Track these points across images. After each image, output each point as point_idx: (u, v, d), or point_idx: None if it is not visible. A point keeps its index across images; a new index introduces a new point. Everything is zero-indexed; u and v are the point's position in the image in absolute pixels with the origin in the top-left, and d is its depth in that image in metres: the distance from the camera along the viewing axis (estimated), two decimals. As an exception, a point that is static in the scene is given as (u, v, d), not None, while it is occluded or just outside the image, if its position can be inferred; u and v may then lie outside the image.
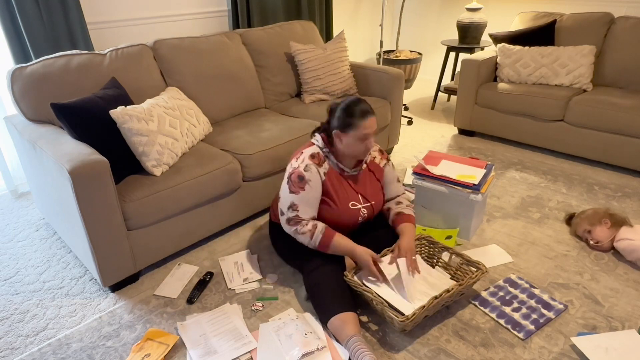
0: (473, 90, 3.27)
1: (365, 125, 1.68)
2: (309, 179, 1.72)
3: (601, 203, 2.49)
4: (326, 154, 1.80)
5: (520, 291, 1.84)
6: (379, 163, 1.92)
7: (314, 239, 1.71)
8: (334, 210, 1.78)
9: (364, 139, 1.70)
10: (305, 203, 1.73)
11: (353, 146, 1.72)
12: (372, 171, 1.91)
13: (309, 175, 1.72)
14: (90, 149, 1.74)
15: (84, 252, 1.87)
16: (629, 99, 2.74)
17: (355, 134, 1.69)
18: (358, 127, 1.68)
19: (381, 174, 1.92)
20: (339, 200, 1.79)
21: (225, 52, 2.65)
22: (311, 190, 1.73)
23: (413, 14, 4.81)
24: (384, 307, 1.57)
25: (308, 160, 1.75)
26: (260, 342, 1.61)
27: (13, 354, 1.63)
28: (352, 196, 1.82)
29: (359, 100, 1.72)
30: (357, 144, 1.71)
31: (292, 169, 1.75)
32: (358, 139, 1.70)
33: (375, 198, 1.88)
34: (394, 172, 1.97)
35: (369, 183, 1.88)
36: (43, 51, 2.40)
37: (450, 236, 2.16)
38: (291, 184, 1.73)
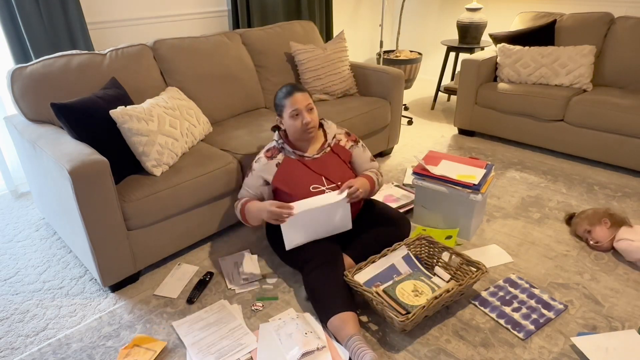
0: (473, 90, 3.27)
1: (291, 102, 1.82)
2: (253, 169, 1.94)
3: (601, 203, 2.49)
4: (280, 145, 1.93)
5: (520, 291, 1.84)
6: (344, 145, 2.01)
7: (238, 213, 1.93)
8: (292, 197, 1.85)
9: (296, 115, 1.83)
10: (245, 186, 1.97)
11: (292, 126, 1.85)
12: (337, 153, 1.98)
13: (254, 166, 1.94)
14: (90, 149, 1.74)
15: (84, 252, 1.87)
16: (629, 99, 2.74)
17: (287, 113, 1.84)
18: (286, 106, 1.84)
19: (347, 155, 2.00)
20: (295, 185, 1.87)
21: (225, 52, 2.65)
22: (251, 177, 1.94)
23: (413, 14, 4.81)
24: (384, 307, 1.58)
25: (262, 154, 1.94)
26: (260, 342, 1.61)
27: (13, 354, 1.63)
28: (313, 179, 1.88)
29: (287, 84, 1.88)
30: (293, 122, 1.84)
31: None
32: (291, 117, 1.84)
33: (341, 179, 1.92)
34: (365, 154, 2.05)
35: (332, 165, 1.94)
36: (43, 51, 2.40)
37: (450, 236, 2.16)
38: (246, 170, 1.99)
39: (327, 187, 1.88)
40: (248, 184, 1.96)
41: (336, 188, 1.89)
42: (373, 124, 2.82)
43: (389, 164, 3.06)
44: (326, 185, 1.88)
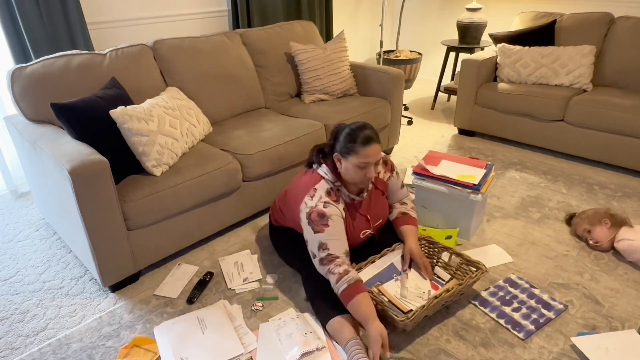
0: (473, 90, 3.27)
1: (366, 153, 1.60)
2: (330, 215, 1.63)
3: (601, 203, 2.49)
4: (338, 187, 1.72)
5: (520, 291, 1.84)
6: (383, 178, 1.88)
7: (338, 285, 1.56)
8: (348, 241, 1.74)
9: (363, 167, 1.63)
10: (333, 239, 1.63)
11: (352, 172, 1.65)
12: (379, 188, 1.87)
13: (329, 211, 1.64)
14: (90, 149, 1.74)
15: (84, 252, 1.87)
16: (629, 99, 2.74)
17: (355, 160, 1.62)
18: (359, 154, 1.60)
19: (385, 187, 1.89)
20: (351, 231, 1.76)
21: (225, 52, 2.65)
22: (335, 225, 1.63)
23: (413, 14, 4.81)
24: (384, 307, 1.58)
25: (325, 198, 1.67)
26: (260, 341, 1.61)
27: (13, 354, 1.63)
28: (363, 224, 1.79)
29: (364, 126, 1.64)
30: (357, 171, 1.64)
31: (310, 209, 1.64)
32: (357, 166, 1.62)
33: (382, 216, 1.88)
34: (398, 181, 1.93)
35: (375, 203, 1.83)
36: (43, 51, 2.40)
37: (450, 236, 2.16)
38: (313, 224, 1.63)
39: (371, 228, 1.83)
40: (336, 233, 1.63)
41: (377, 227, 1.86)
42: (373, 124, 2.81)
43: (389, 164, 3.06)
44: (371, 227, 1.82)
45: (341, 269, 1.57)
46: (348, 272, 1.57)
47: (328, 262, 1.60)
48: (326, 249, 1.61)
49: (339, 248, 1.62)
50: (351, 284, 1.54)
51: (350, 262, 1.68)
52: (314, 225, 1.62)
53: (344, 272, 1.56)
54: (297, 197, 1.74)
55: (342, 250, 1.63)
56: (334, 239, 1.62)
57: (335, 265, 1.59)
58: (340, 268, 1.58)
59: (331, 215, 1.63)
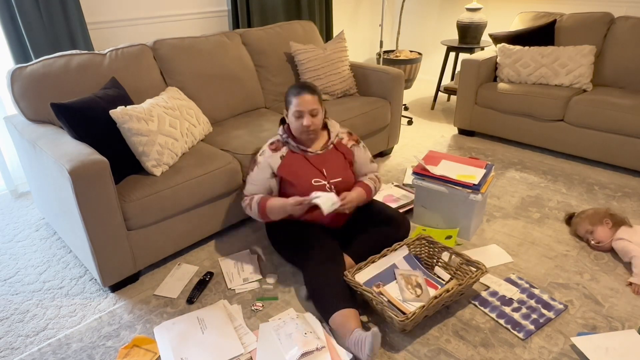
0: (473, 90, 3.27)
1: (298, 101, 1.83)
2: (258, 162, 1.93)
3: (601, 203, 2.49)
4: (285, 139, 1.95)
5: (520, 291, 1.84)
6: (346, 144, 2.03)
7: (253, 210, 1.90)
8: (296, 189, 1.90)
9: (298, 116, 1.84)
10: (250, 182, 1.95)
11: (293, 123, 1.87)
12: (340, 151, 2.01)
13: (259, 159, 1.93)
14: (90, 149, 1.74)
15: (84, 252, 1.87)
16: (629, 99, 2.74)
17: (291, 110, 1.86)
18: (292, 104, 1.85)
19: (349, 154, 2.02)
20: (298, 178, 1.90)
21: (225, 52, 2.65)
22: (257, 171, 1.93)
23: (413, 14, 4.81)
24: (384, 307, 1.58)
25: (266, 147, 1.95)
26: (260, 341, 1.61)
27: (13, 354, 1.63)
28: (314, 174, 1.92)
29: (302, 83, 1.89)
30: (294, 121, 1.86)
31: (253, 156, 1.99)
32: (293, 115, 1.85)
33: (342, 174, 1.97)
34: (365, 154, 2.08)
35: (332, 161, 1.97)
36: (43, 51, 2.40)
37: (450, 236, 2.16)
38: (249, 165, 1.98)
39: (328, 181, 1.91)
40: (254, 178, 1.95)
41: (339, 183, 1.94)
42: (373, 124, 2.82)
43: (389, 164, 3.06)
44: (327, 180, 1.91)
45: (247, 200, 1.94)
46: (253, 197, 1.92)
47: (242, 199, 1.99)
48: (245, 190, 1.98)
49: (250, 190, 1.96)
50: (259, 202, 1.88)
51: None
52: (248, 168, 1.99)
53: (250, 200, 1.92)
54: None
55: (253, 192, 1.95)
56: (251, 182, 1.96)
57: (243, 200, 1.97)
58: (246, 201, 1.95)
59: (258, 163, 1.93)
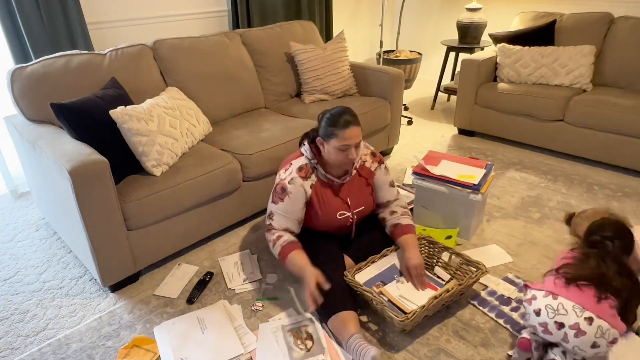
0: (473, 90, 3.27)
1: (345, 135, 1.66)
2: (290, 192, 1.75)
3: (601, 203, 2.49)
4: (314, 165, 1.79)
5: (518, 290, 1.84)
6: (369, 167, 1.89)
7: (274, 249, 1.77)
8: (319, 219, 1.82)
9: (344, 149, 1.68)
10: (280, 214, 1.78)
11: (334, 155, 1.71)
12: (363, 176, 1.88)
13: (291, 188, 1.75)
14: (90, 149, 1.74)
15: (84, 252, 1.87)
16: (629, 99, 2.74)
17: (335, 143, 1.67)
18: (338, 137, 1.66)
19: (371, 177, 1.90)
20: (324, 211, 1.80)
21: (225, 52, 2.65)
22: (290, 202, 1.76)
23: (413, 14, 4.81)
24: (384, 307, 1.58)
25: (295, 174, 1.76)
26: (260, 342, 1.61)
27: (13, 354, 1.63)
28: (339, 206, 1.82)
29: (344, 111, 1.70)
30: (338, 153, 1.70)
31: (279, 180, 1.79)
32: (338, 148, 1.68)
33: (365, 202, 1.88)
34: (386, 176, 1.93)
35: (357, 189, 1.86)
36: (43, 51, 2.40)
37: (450, 236, 2.16)
38: (274, 194, 1.80)
39: (351, 212, 1.84)
40: (286, 210, 1.76)
41: (360, 212, 1.86)
42: (373, 124, 2.82)
43: (389, 164, 3.06)
44: (351, 211, 1.84)
45: (274, 236, 1.78)
46: (281, 236, 1.77)
47: (267, 230, 1.82)
48: (271, 219, 1.81)
49: (280, 224, 1.79)
50: (284, 245, 1.74)
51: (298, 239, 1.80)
52: (274, 196, 1.81)
53: (277, 238, 1.77)
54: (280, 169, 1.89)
55: (281, 226, 1.79)
56: (280, 213, 1.79)
57: (270, 234, 1.80)
58: (273, 236, 1.78)
59: (290, 193, 1.76)
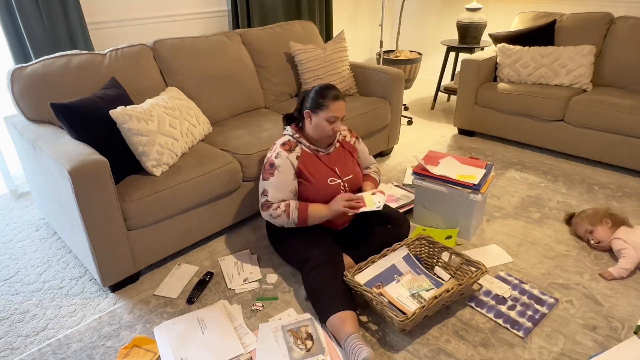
0: (473, 90, 3.27)
1: (334, 107, 1.81)
2: (278, 165, 1.84)
3: (601, 203, 2.49)
4: (297, 139, 1.91)
5: (512, 288, 1.84)
6: (349, 141, 2.06)
7: (291, 217, 1.81)
8: (313, 187, 1.88)
9: (332, 121, 1.83)
10: (273, 188, 1.84)
11: (321, 127, 1.84)
12: (347, 149, 2.03)
13: (278, 162, 1.84)
14: (90, 149, 1.74)
15: (84, 252, 1.87)
16: (629, 99, 2.74)
17: (324, 114, 1.82)
18: (328, 108, 1.81)
19: (353, 150, 2.06)
20: (314, 178, 1.88)
21: (225, 52, 2.65)
22: (280, 175, 1.83)
23: (413, 14, 4.81)
24: (384, 307, 1.58)
25: (279, 148, 1.87)
26: (260, 342, 1.61)
27: (13, 354, 1.63)
28: (329, 173, 1.92)
29: (332, 86, 1.86)
30: (325, 124, 1.83)
31: (266, 159, 1.89)
32: (326, 119, 1.82)
33: (352, 172, 1.98)
34: (365, 148, 2.14)
35: (343, 159, 1.99)
36: (43, 51, 2.40)
37: (450, 236, 2.16)
38: (264, 172, 1.88)
39: (341, 179, 1.93)
40: (278, 183, 1.83)
41: (350, 181, 1.96)
42: (373, 124, 2.82)
43: (389, 164, 3.06)
44: (341, 178, 1.93)
45: (282, 207, 1.82)
46: (289, 204, 1.82)
47: (266, 207, 1.85)
48: (265, 195, 1.85)
49: (276, 197, 1.84)
50: (299, 208, 1.81)
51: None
52: (264, 173, 1.88)
53: (286, 207, 1.82)
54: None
55: (279, 198, 1.84)
56: (274, 188, 1.84)
57: (273, 209, 1.83)
58: (280, 209, 1.82)
59: (279, 166, 1.84)
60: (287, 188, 1.85)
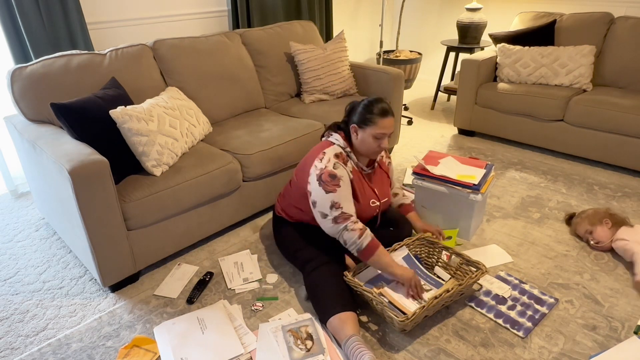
0: (473, 90, 3.27)
1: (382, 123, 1.71)
2: (341, 176, 1.70)
3: (601, 203, 2.49)
4: (348, 154, 1.80)
5: (512, 288, 1.84)
6: (385, 162, 2.02)
7: (361, 240, 1.64)
8: (358, 208, 1.80)
9: (378, 138, 1.73)
10: (345, 199, 1.69)
11: (367, 143, 1.75)
12: (383, 169, 1.98)
13: (340, 172, 1.71)
14: (90, 149, 1.74)
15: (84, 252, 1.87)
16: (629, 99, 2.74)
17: (371, 130, 1.72)
18: (377, 125, 1.71)
19: (389, 171, 2.03)
20: (362, 198, 1.81)
21: (225, 52, 2.65)
22: (345, 186, 1.70)
23: (413, 14, 4.81)
24: (384, 307, 1.58)
25: (334, 160, 1.73)
26: (260, 342, 1.61)
27: (13, 354, 1.63)
28: (371, 194, 1.87)
29: (381, 99, 1.76)
30: (372, 141, 1.74)
31: (320, 170, 1.70)
32: (373, 136, 1.73)
33: (387, 194, 1.96)
34: (392, 170, 2.11)
35: (380, 180, 1.94)
36: (43, 51, 2.40)
37: (450, 237, 2.16)
38: (324, 184, 1.68)
39: (379, 202, 1.89)
40: (347, 195, 1.70)
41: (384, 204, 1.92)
42: (373, 124, 2.82)
43: (389, 164, 3.06)
44: (379, 201, 1.89)
45: (360, 225, 1.66)
46: (366, 228, 1.67)
47: (343, 220, 1.66)
48: (339, 208, 1.67)
49: (350, 209, 1.69)
50: (372, 240, 1.65)
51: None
52: (326, 186, 1.68)
53: (364, 228, 1.66)
54: (306, 161, 1.82)
55: (352, 211, 1.69)
56: (345, 199, 1.69)
57: (351, 222, 1.66)
58: (357, 225, 1.66)
59: (342, 177, 1.70)
60: (351, 200, 1.72)
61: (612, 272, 1.95)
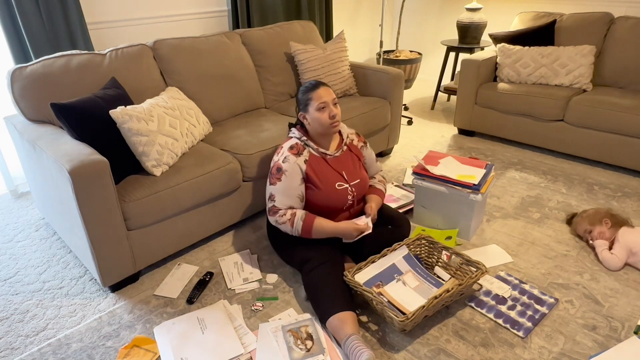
0: (473, 90, 3.27)
1: (318, 94, 1.81)
2: (285, 170, 1.81)
3: (601, 203, 2.49)
4: (304, 142, 1.88)
5: (512, 288, 1.84)
6: (357, 145, 2.04)
7: (295, 227, 1.78)
8: (321, 193, 1.85)
9: (322, 108, 1.81)
10: (281, 193, 1.81)
11: (318, 120, 1.82)
12: (354, 153, 2.01)
13: (286, 166, 1.81)
14: (90, 149, 1.74)
15: (84, 252, 1.87)
16: (629, 99, 2.74)
17: (313, 107, 1.82)
18: (313, 99, 1.82)
19: (360, 154, 2.04)
20: (322, 183, 1.85)
21: (225, 52, 2.65)
22: (287, 180, 1.81)
23: (413, 14, 4.81)
24: (384, 307, 1.58)
25: (287, 152, 1.84)
26: (260, 342, 1.62)
27: (13, 354, 1.63)
28: (336, 177, 1.89)
29: (311, 80, 1.90)
30: (319, 116, 1.82)
31: (273, 163, 1.87)
32: (317, 110, 1.81)
33: (359, 176, 1.96)
34: (371, 155, 2.11)
35: (351, 163, 1.96)
36: (43, 51, 2.40)
37: (450, 237, 2.16)
38: (271, 176, 1.85)
39: (349, 184, 1.90)
40: (285, 188, 1.81)
41: (357, 185, 1.93)
42: (373, 124, 2.82)
43: (389, 164, 3.06)
44: (348, 183, 1.90)
45: (288, 215, 1.79)
46: (295, 213, 1.79)
47: (273, 213, 1.83)
48: (272, 201, 1.83)
49: (283, 203, 1.82)
50: (304, 219, 1.78)
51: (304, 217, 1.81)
52: (271, 178, 1.85)
53: (292, 215, 1.79)
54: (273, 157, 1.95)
55: (285, 205, 1.82)
56: (281, 193, 1.82)
57: (279, 216, 1.81)
58: (285, 216, 1.80)
59: (286, 171, 1.81)
60: (294, 193, 1.82)
61: (612, 272, 1.95)
